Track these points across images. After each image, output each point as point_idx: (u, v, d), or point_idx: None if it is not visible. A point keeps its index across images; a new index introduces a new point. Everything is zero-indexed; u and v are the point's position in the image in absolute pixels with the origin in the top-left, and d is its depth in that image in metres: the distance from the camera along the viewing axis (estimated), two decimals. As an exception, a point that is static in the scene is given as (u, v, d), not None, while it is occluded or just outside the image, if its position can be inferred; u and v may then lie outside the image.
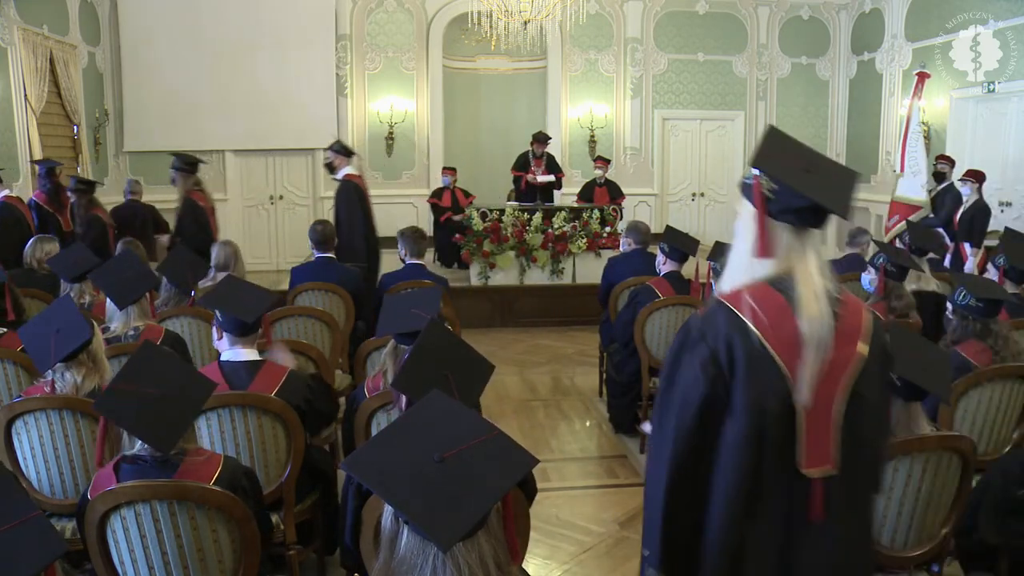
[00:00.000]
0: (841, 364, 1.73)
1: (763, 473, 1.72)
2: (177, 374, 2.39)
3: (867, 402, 1.76)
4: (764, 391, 1.71)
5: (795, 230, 1.77)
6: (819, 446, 1.73)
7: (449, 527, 1.27)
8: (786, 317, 1.72)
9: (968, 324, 3.48)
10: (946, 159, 8.41)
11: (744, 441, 1.72)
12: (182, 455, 2.30)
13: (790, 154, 1.84)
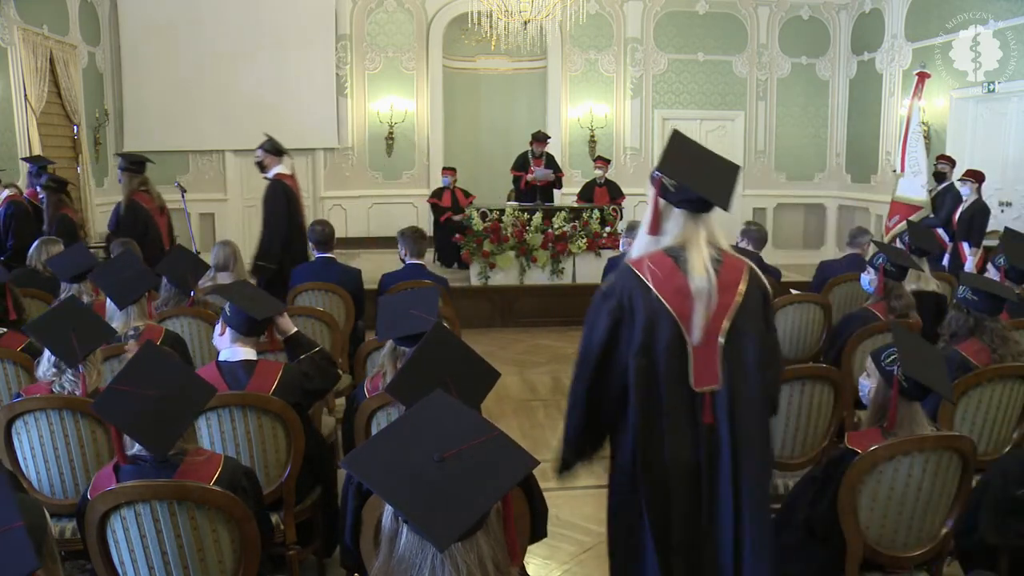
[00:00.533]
0: (723, 308, 2.31)
1: (663, 391, 2.30)
2: (176, 376, 2.38)
3: (747, 335, 2.33)
4: (657, 331, 2.30)
5: (690, 213, 2.33)
6: (706, 370, 2.31)
7: (447, 527, 1.27)
8: (676, 276, 2.30)
9: (962, 317, 3.50)
10: (946, 159, 8.41)
11: (641, 370, 2.30)
12: (182, 455, 2.30)
13: (686, 156, 2.38)
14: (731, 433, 2.30)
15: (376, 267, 7.22)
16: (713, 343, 2.31)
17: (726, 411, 2.31)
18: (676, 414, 2.31)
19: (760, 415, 2.38)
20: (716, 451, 2.31)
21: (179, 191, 9.42)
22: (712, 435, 2.31)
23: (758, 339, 2.36)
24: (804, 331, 5.10)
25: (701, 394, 2.31)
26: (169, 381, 2.32)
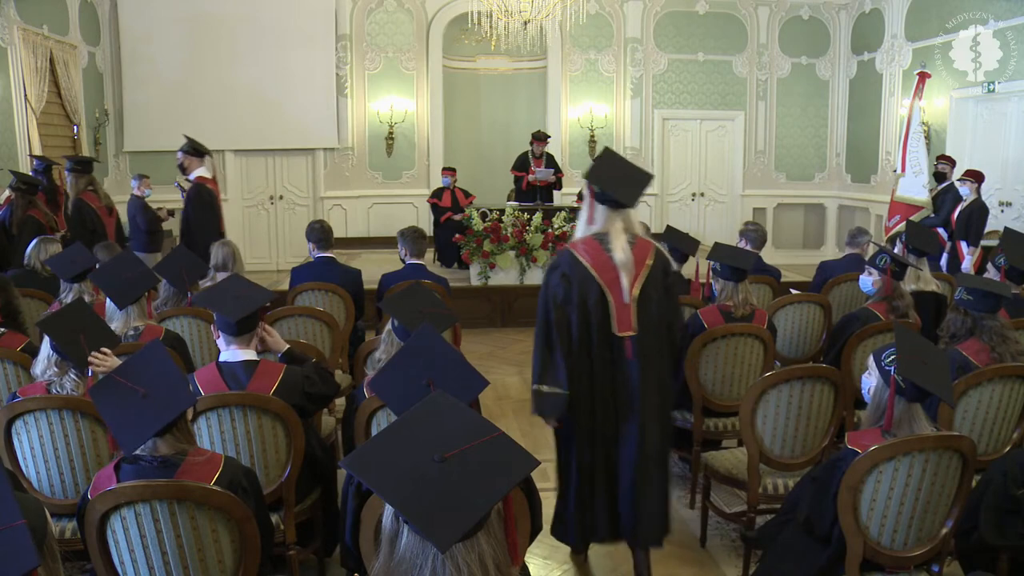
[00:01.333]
0: (636, 275, 3.20)
1: (594, 335, 3.20)
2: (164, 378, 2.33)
3: (651, 296, 3.21)
4: (588, 293, 3.19)
5: (611, 209, 3.21)
6: (624, 320, 3.20)
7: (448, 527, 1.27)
8: (602, 253, 3.20)
9: (959, 318, 3.52)
10: (946, 159, 8.41)
11: (580, 319, 3.20)
12: (183, 455, 2.30)
13: (608, 168, 3.27)
14: (640, 366, 3.21)
15: (376, 267, 7.22)
16: (630, 301, 3.22)
17: (638, 350, 3.21)
18: (602, 350, 3.22)
19: (660, 353, 3.28)
20: (629, 377, 3.22)
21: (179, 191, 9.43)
22: (628, 366, 3.21)
23: (660, 299, 3.25)
24: (804, 331, 5.10)
25: (622, 337, 3.20)
26: (156, 381, 2.30)
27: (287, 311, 4.65)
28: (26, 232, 6.20)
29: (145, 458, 2.27)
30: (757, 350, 4.15)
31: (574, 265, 3.19)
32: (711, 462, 3.75)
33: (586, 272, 3.18)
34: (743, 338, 4.10)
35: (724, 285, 4.25)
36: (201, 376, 3.10)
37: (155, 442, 2.27)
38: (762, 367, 4.15)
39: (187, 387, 2.40)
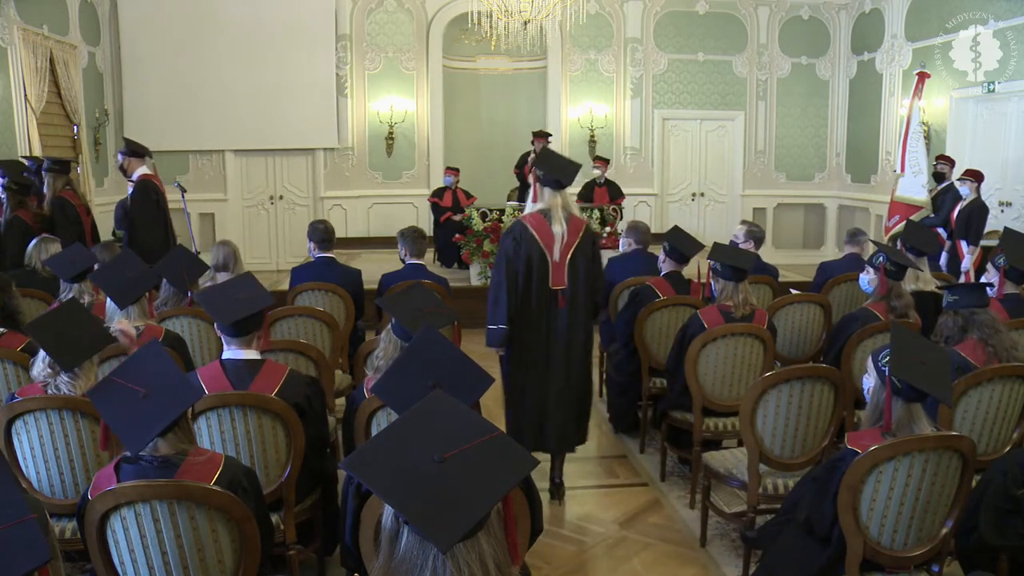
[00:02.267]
0: (570, 243, 4.09)
1: (534, 287, 4.09)
2: (165, 377, 2.33)
3: (580, 260, 4.12)
4: (531, 253, 4.07)
5: (552, 190, 4.10)
6: (558, 276, 4.10)
7: (449, 528, 1.27)
8: (544, 224, 4.09)
9: (950, 320, 3.56)
10: (946, 159, 8.41)
11: (524, 273, 4.08)
12: (183, 455, 2.30)
13: (549, 158, 4.25)
14: (568, 313, 4.16)
15: (376, 267, 7.21)
16: (563, 262, 4.11)
17: (568, 300, 4.15)
18: (540, 300, 4.14)
19: (585, 305, 4.21)
20: (559, 321, 4.16)
21: (179, 191, 9.44)
22: (559, 313, 4.16)
23: (587, 263, 4.17)
24: (804, 331, 5.10)
25: (556, 290, 4.13)
26: (158, 381, 2.30)
27: (287, 311, 4.65)
28: (12, 232, 6.22)
29: (145, 458, 2.27)
30: (757, 350, 4.15)
31: (523, 232, 4.11)
32: (711, 462, 3.75)
33: (532, 237, 4.10)
34: (743, 338, 4.10)
35: (724, 285, 4.25)
36: (204, 374, 3.09)
37: (156, 442, 2.27)
38: (762, 367, 4.16)
39: (189, 385, 2.40)
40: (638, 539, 3.88)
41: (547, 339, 4.14)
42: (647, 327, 4.81)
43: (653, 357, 4.84)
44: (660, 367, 4.75)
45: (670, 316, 4.79)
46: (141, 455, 2.27)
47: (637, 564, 3.67)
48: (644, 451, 5.02)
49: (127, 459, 2.29)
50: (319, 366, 3.98)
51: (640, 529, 3.99)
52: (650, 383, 4.90)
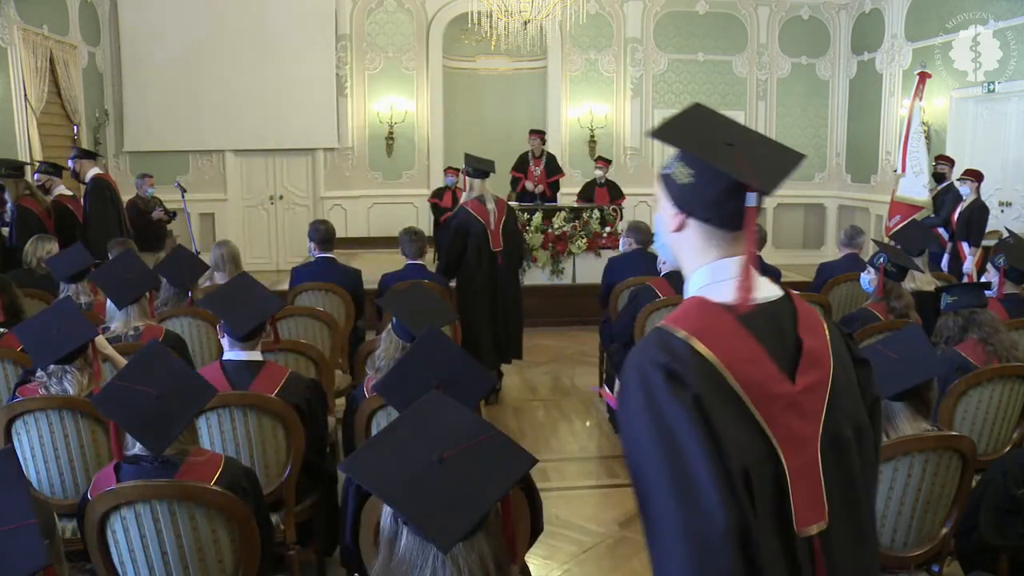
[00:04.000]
0: (499, 217, 5.87)
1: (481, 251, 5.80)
2: (177, 376, 2.38)
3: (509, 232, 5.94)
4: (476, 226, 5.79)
5: (480, 180, 5.83)
6: (495, 240, 5.82)
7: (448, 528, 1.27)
8: (481, 207, 5.77)
9: (950, 320, 3.56)
10: (946, 159, 8.40)
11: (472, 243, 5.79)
12: (183, 456, 2.30)
13: (475, 159, 5.88)
14: (506, 267, 5.79)
15: (376, 267, 7.21)
16: (497, 230, 5.74)
17: (504, 259, 5.78)
18: (480, 260, 5.67)
19: (513, 259, 5.89)
20: (498, 272, 5.78)
21: (179, 191, 9.45)
22: (499, 269, 5.73)
23: (511, 230, 5.86)
24: (804, 331, 5.09)
25: (495, 252, 5.71)
26: (169, 380, 2.32)
27: (287, 311, 4.64)
28: None
29: (146, 458, 2.27)
30: (757, 350, 4.14)
31: (468, 214, 5.76)
32: (711, 462, 3.74)
33: (473, 217, 5.73)
34: (743, 338, 4.08)
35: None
36: (204, 374, 3.09)
37: None
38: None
39: (202, 381, 2.43)
40: (638, 539, 3.88)
41: (492, 284, 5.80)
42: (647, 327, 4.81)
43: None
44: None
45: (670, 316, 4.79)
46: (142, 455, 2.27)
47: (637, 564, 3.67)
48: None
49: (127, 459, 2.30)
50: (319, 366, 3.98)
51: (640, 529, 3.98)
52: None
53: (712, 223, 1.45)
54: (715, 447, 1.29)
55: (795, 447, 1.36)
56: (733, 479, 1.28)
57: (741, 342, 1.37)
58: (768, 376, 1.36)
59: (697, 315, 1.40)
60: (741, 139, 1.48)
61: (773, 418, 1.35)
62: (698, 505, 1.27)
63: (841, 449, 1.42)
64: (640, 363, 1.35)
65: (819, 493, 1.38)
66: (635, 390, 1.34)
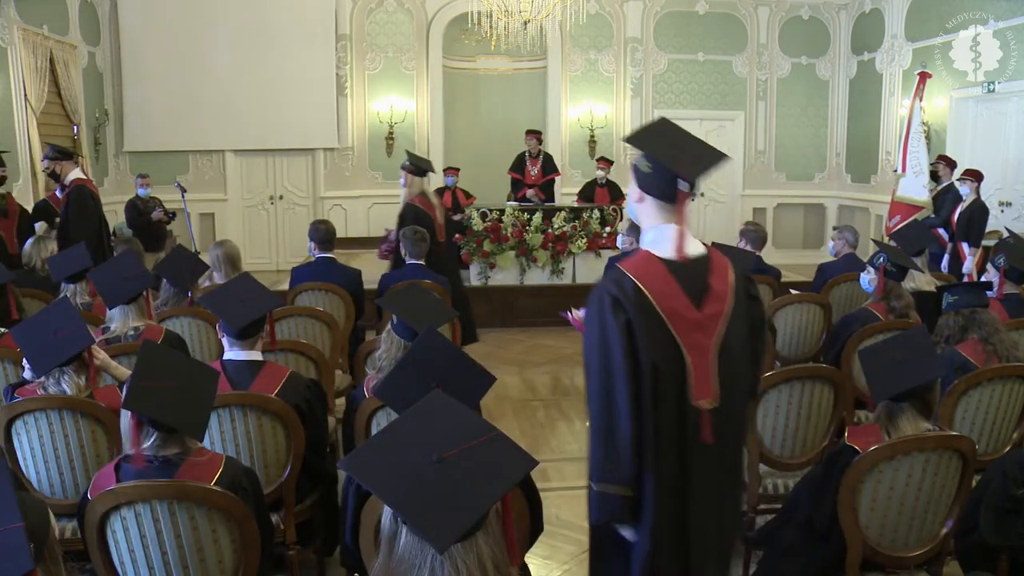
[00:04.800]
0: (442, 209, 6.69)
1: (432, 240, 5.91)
2: (185, 366, 2.44)
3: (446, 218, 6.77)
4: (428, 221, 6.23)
5: (420, 177, 6.48)
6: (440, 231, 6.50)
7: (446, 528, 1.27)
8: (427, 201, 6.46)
9: (951, 320, 3.57)
10: (944, 159, 8.37)
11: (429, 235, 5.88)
12: (184, 455, 2.30)
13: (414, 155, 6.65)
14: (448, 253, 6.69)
15: (376, 267, 7.21)
16: (441, 220, 6.41)
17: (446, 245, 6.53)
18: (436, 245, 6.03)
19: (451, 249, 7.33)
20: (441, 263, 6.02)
21: (179, 191, 9.45)
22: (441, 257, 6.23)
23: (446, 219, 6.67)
24: (804, 331, 5.10)
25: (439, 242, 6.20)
26: (181, 371, 2.38)
27: (287, 311, 4.64)
28: None
29: (148, 457, 2.27)
30: (757, 350, 4.15)
31: (418, 209, 6.25)
32: (711, 462, 3.75)
33: (424, 212, 6.30)
34: (743, 338, 4.10)
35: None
36: (203, 375, 3.10)
37: (164, 440, 2.28)
38: (762, 367, 4.15)
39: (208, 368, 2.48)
40: (638, 539, 3.87)
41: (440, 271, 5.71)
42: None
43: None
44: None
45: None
46: (145, 454, 2.27)
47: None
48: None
49: (127, 458, 2.30)
50: (319, 366, 3.98)
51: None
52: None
53: (660, 199, 2.21)
54: (633, 360, 2.09)
55: (697, 352, 2.17)
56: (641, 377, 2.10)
57: (667, 283, 2.17)
58: (682, 306, 2.17)
59: (643, 264, 2.21)
60: (686, 144, 2.23)
61: (683, 333, 2.16)
62: (615, 409, 2.11)
63: (730, 356, 2.21)
64: (600, 290, 2.17)
65: (711, 382, 2.18)
66: (594, 308, 2.17)
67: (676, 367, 2.14)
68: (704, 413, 2.15)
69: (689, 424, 2.15)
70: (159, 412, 2.26)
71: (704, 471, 2.17)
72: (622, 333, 2.09)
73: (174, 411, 2.27)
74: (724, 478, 2.25)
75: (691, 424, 2.15)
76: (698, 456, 2.16)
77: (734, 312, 2.21)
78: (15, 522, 1.52)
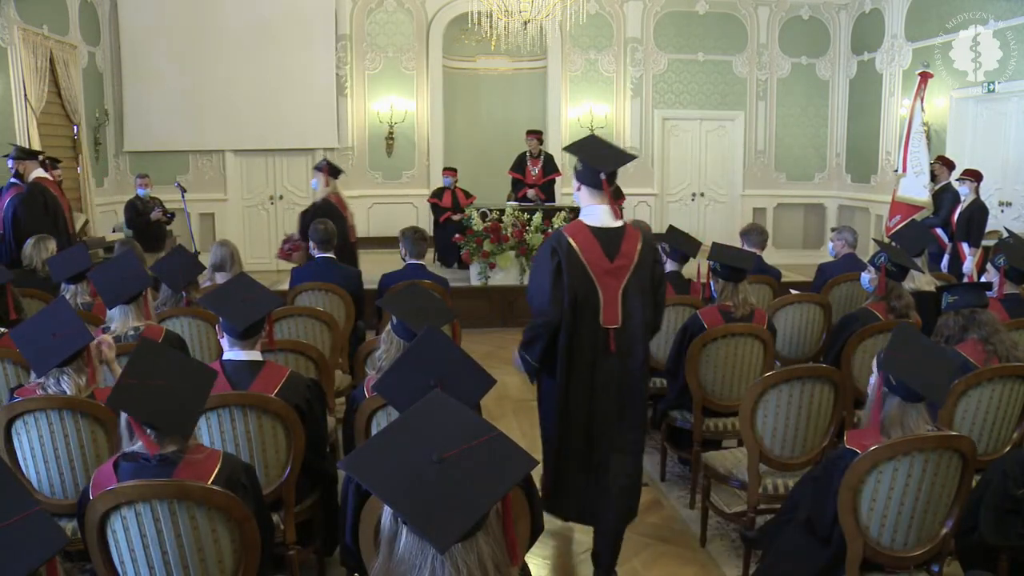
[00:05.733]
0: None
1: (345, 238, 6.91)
2: (179, 365, 2.43)
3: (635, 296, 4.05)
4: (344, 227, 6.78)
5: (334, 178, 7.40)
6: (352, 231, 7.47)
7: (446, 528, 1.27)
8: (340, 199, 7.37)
9: (951, 319, 3.57)
10: (943, 160, 8.35)
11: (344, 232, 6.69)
12: (182, 453, 2.30)
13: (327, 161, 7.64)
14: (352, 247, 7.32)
15: (376, 267, 7.21)
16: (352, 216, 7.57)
17: None
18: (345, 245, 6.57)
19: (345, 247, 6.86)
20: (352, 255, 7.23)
21: (179, 191, 9.45)
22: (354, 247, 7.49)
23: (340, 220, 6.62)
24: (804, 331, 5.10)
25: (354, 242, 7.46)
26: (174, 370, 2.37)
27: (287, 311, 4.64)
28: None
29: (144, 455, 2.27)
30: (757, 350, 4.15)
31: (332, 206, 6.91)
32: (711, 462, 3.75)
33: (337, 209, 6.92)
34: (743, 338, 4.10)
35: (724, 285, 4.25)
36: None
37: (160, 438, 2.28)
38: (762, 367, 4.15)
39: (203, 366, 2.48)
40: (638, 539, 3.88)
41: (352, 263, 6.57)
42: (647, 327, 4.81)
43: (652, 357, 4.83)
44: (660, 367, 4.75)
45: (670, 316, 4.79)
46: (140, 452, 2.27)
47: (637, 564, 3.67)
48: (644, 451, 5.01)
49: (126, 456, 2.30)
50: (319, 366, 3.98)
51: (640, 529, 3.99)
52: (650, 383, 4.89)
53: (590, 187, 3.25)
54: (559, 284, 3.19)
55: (609, 291, 3.24)
56: (564, 299, 3.18)
57: (590, 242, 3.22)
58: (599, 258, 3.22)
59: (576, 229, 3.27)
60: (604, 149, 3.35)
61: (598, 276, 3.22)
62: (543, 301, 3.23)
63: (631, 296, 3.26)
64: (546, 243, 3.28)
65: (617, 312, 3.26)
66: (541, 251, 3.31)
67: (593, 299, 3.24)
68: (610, 332, 3.26)
69: (599, 338, 3.26)
70: (141, 410, 2.26)
71: (607, 370, 3.27)
72: (553, 267, 3.20)
73: (158, 410, 2.26)
74: (623, 379, 3.29)
75: (601, 338, 3.26)
76: (604, 359, 3.27)
77: (637, 268, 3.26)
78: (32, 507, 1.54)
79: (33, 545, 1.51)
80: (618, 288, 3.21)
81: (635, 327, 3.26)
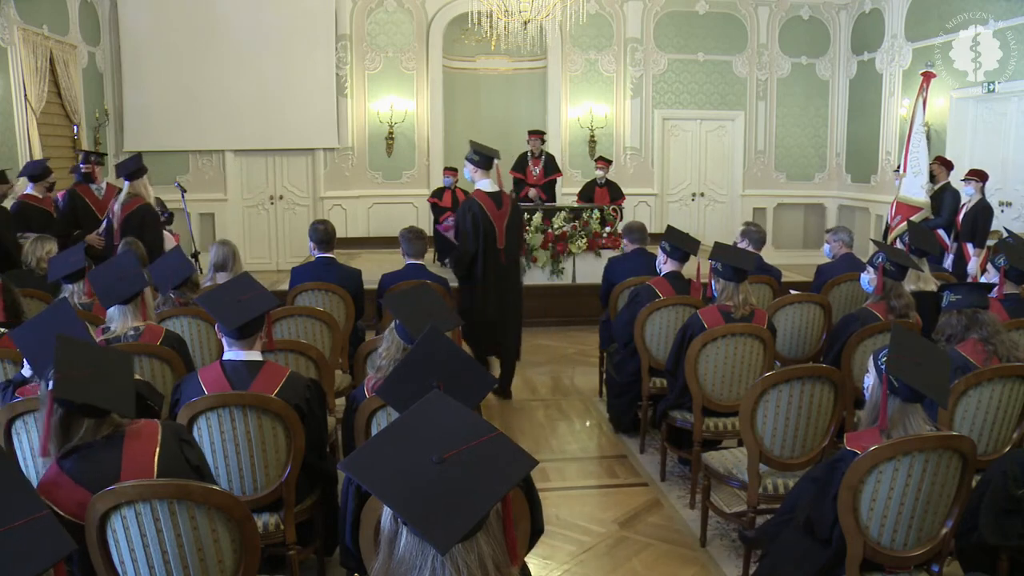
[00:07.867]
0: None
1: None
2: (96, 353, 2.47)
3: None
4: None
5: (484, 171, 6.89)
6: None
7: (447, 529, 1.26)
8: (489, 201, 6.00)
9: (953, 319, 3.57)
10: (942, 160, 8.33)
11: None
12: (122, 429, 2.37)
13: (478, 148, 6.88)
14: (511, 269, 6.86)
15: (376, 267, 7.22)
16: None
17: None
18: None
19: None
20: None
21: (179, 191, 9.45)
22: None
23: (514, 232, 6.34)
24: (804, 331, 5.10)
25: None
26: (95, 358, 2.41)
27: (287, 311, 4.64)
28: None
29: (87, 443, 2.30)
30: (757, 350, 4.15)
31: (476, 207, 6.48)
32: (711, 462, 3.75)
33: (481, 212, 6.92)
34: (743, 338, 4.10)
35: (724, 285, 4.25)
36: (204, 375, 3.10)
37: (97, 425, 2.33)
38: (762, 367, 4.16)
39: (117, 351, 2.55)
40: (638, 539, 3.88)
41: None
42: (647, 327, 4.81)
43: (653, 357, 4.84)
44: (660, 367, 4.75)
45: (670, 316, 4.79)
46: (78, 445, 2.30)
47: (637, 564, 3.67)
48: (644, 451, 5.02)
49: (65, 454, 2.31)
50: (319, 366, 3.98)
51: (640, 529, 3.99)
52: (650, 383, 4.90)
53: (484, 169, 5.94)
54: (477, 228, 5.85)
55: (499, 226, 5.92)
56: (479, 235, 5.85)
57: (487, 200, 5.92)
58: (493, 208, 5.91)
59: (479, 194, 5.94)
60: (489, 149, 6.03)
61: (494, 219, 5.92)
62: (468, 242, 5.89)
63: (510, 230, 5.99)
64: (464, 204, 6.09)
65: (503, 238, 5.93)
66: (461, 210, 6.05)
67: (492, 232, 5.82)
68: (501, 250, 5.84)
69: (496, 253, 5.83)
70: (92, 397, 2.29)
71: (500, 270, 5.89)
72: (472, 220, 5.78)
73: (104, 394, 2.31)
74: (508, 270, 5.97)
75: (496, 253, 5.84)
76: (497, 264, 5.86)
77: (512, 214, 5.93)
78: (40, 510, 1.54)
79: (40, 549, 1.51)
80: (503, 225, 5.85)
81: (513, 245, 5.95)
